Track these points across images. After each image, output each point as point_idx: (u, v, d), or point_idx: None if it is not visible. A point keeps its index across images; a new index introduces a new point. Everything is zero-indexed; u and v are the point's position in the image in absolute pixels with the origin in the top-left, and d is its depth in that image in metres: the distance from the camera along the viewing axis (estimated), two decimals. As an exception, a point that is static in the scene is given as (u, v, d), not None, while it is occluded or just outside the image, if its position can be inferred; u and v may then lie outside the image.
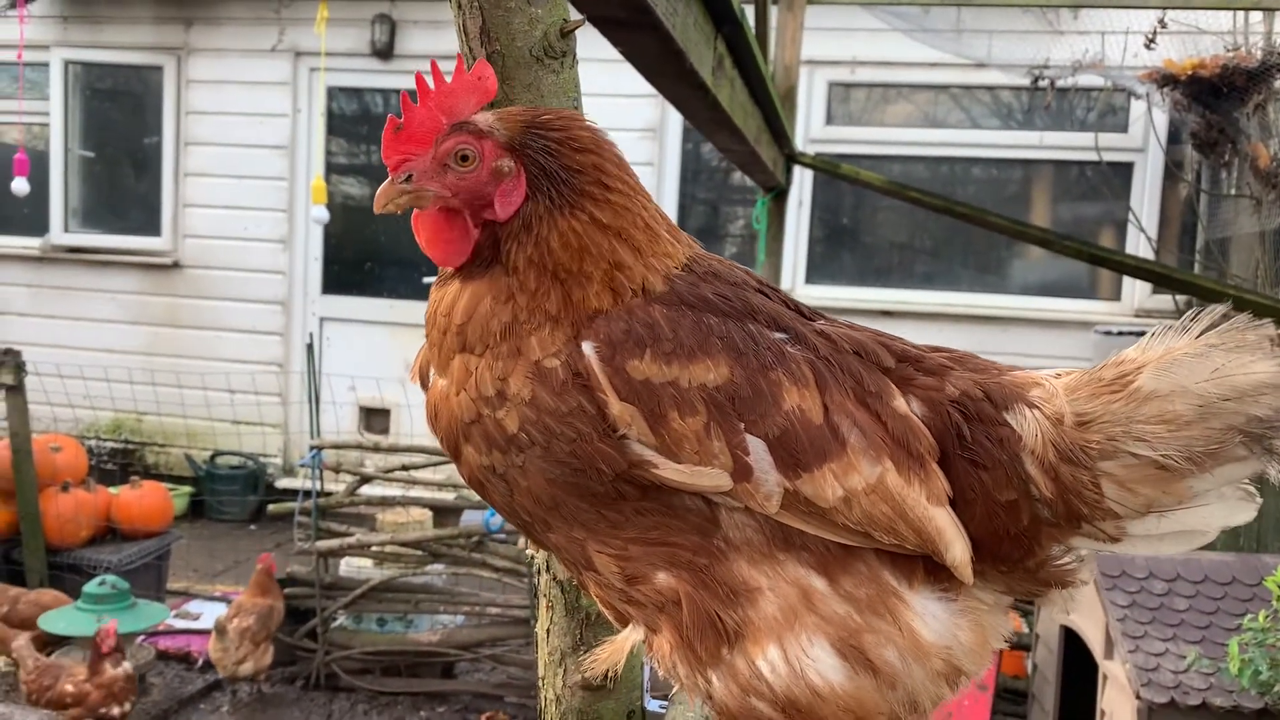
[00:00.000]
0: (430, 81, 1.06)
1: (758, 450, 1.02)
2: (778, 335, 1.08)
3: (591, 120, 1.10)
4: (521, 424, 1.02)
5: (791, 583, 1.05)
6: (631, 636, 1.12)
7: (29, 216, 8.91)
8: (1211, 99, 5.90)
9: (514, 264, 1.05)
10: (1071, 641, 4.09)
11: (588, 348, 1.02)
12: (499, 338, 1.04)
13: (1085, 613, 3.86)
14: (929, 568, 1.09)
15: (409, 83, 1.06)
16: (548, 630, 1.33)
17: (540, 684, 1.35)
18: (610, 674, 1.24)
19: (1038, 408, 1.10)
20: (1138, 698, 3.33)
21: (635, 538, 1.06)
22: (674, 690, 1.33)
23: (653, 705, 1.42)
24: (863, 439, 1.05)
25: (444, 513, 5.96)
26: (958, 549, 1.07)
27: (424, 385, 1.12)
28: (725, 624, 1.05)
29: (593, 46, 2.08)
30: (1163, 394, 1.05)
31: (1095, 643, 3.74)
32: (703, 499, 1.04)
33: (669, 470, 1.01)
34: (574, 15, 1.19)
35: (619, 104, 7.52)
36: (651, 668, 1.15)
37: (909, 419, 1.09)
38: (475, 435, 1.05)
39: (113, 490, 6.20)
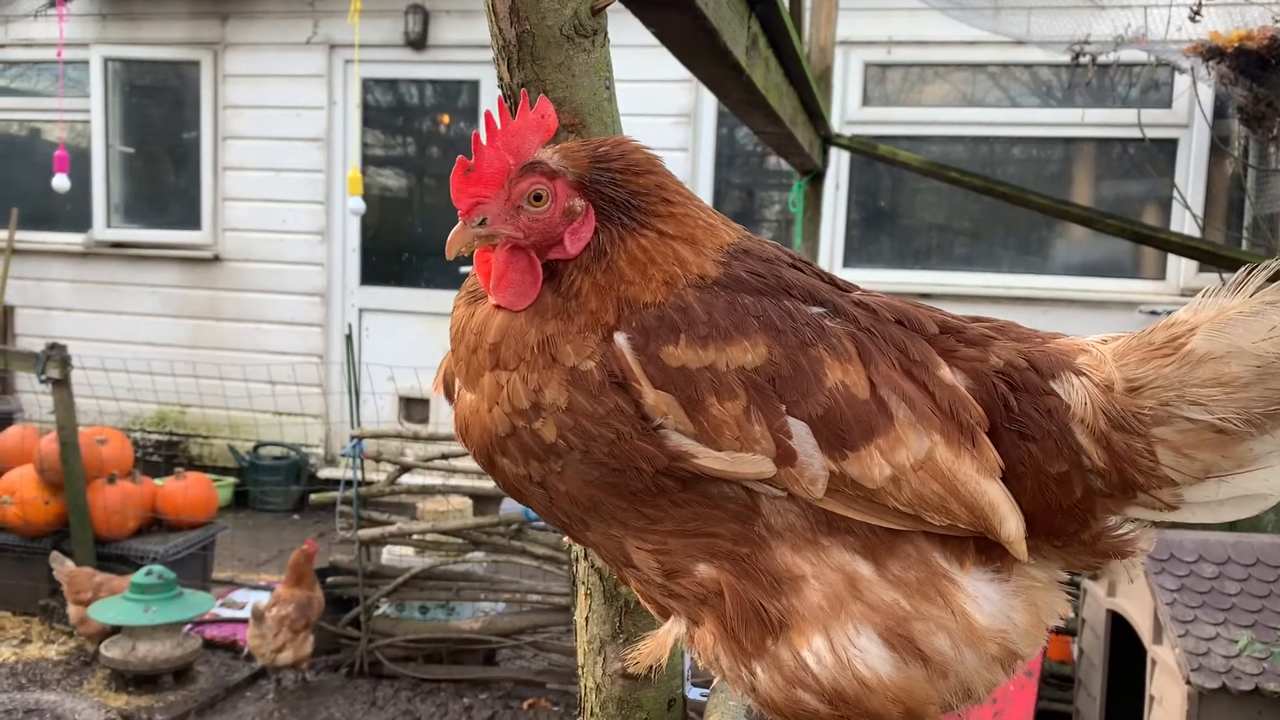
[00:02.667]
0: (497, 121, 1.04)
1: (800, 433, 0.99)
2: (815, 310, 1.04)
3: (637, 140, 1.09)
4: (560, 431, 0.99)
5: (836, 569, 1.01)
6: (674, 630, 1.09)
7: (72, 213, 9.04)
8: (1259, 71, 5.76)
9: (577, 289, 1.02)
10: (1118, 626, 4.03)
11: (620, 338, 0.99)
12: (535, 350, 1.01)
13: (1133, 597, 3.80)
14: (980, 547, 1.05)
15: (443, 73, 1.05)
16: (586, 618, 1.31)
17: (580, 672, 1.34)
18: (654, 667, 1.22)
19: (1085, 375, 1.06)
20: (1188, 683, 3.27)
21: (673, 530, 1.03)
22: (716, 679, 1.32)
23: (694, 694, 1.40)
24: (911, 412, 1.02)
25: (483, 500, 5.99)
26: (1012, 524, 1.03)
27: (449, 397, 1.10)
28: (769, 614, 1.02)
29: (625, 31, 2.06)
30: (1217, 355, 1.01)
31: (1143, 627, 3.68)
32: (742, 486, 1.01)
33: (709, 459, 0.98)
34: (605, -7, 1.16)
35: (653, 89, 7.49)
36: (693, 656, 1.12)
37: (956, 389, 1.05)
38: (511, 448, 1.02)
39: (158, 482, 6.28)
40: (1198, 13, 5.54)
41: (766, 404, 0.99)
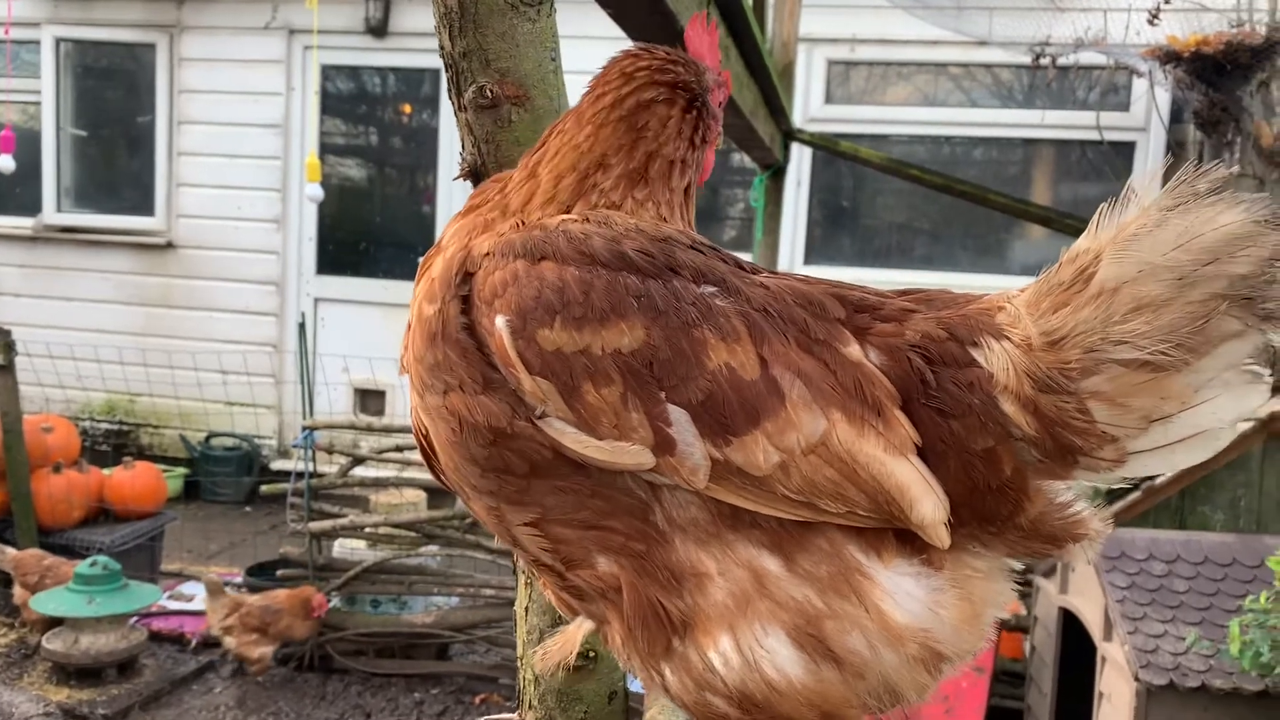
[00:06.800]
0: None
1: (680, 420, 0.93)
2: (706, 289, 0.98)
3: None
4: (403, 364, 1.03)
5: (743, 565, 0.95)
6: (584, 626, 1.04)
7: (21, 196, 8.84)
8: (1215, 76, 5.83)
9: None
10: (1070, 624, 4.05)
11: (500, 321, 0.95)
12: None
13: (1084, 594, 3.82)
14: (903, 537, 0.97)
15: (404, 61, 1.04)
16: (526, 608, 1.27)
17: (519, 664, 1.30)
18: (592, 654, 1.18)
19: (1007, 336, 0.98)
20: (1136, 680, 3.30)
21: (560, 519, 0.98)
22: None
23: (635, 685, 1.37)
24: (806, 391, 0.95)
25: (438, 494, 5.92)
26: (926, 506, 0.95)
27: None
28: (670, 613, 0.96)
29: (581, 22, 2.03)
30: (1130, 278, 0.92)
31: (1094, 625, 3.70)
32: (631, 477, 0.96)
33: (592, 448, 0.94)
34: (552, -37, 1.12)
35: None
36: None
37: (862, 365, 0.97)
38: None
39: (105, 471, 6.16)
40: (1156, 16, 5.59)
41: (644, 390, 0.93)
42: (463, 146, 1.18)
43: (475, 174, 1.20)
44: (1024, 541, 1.01)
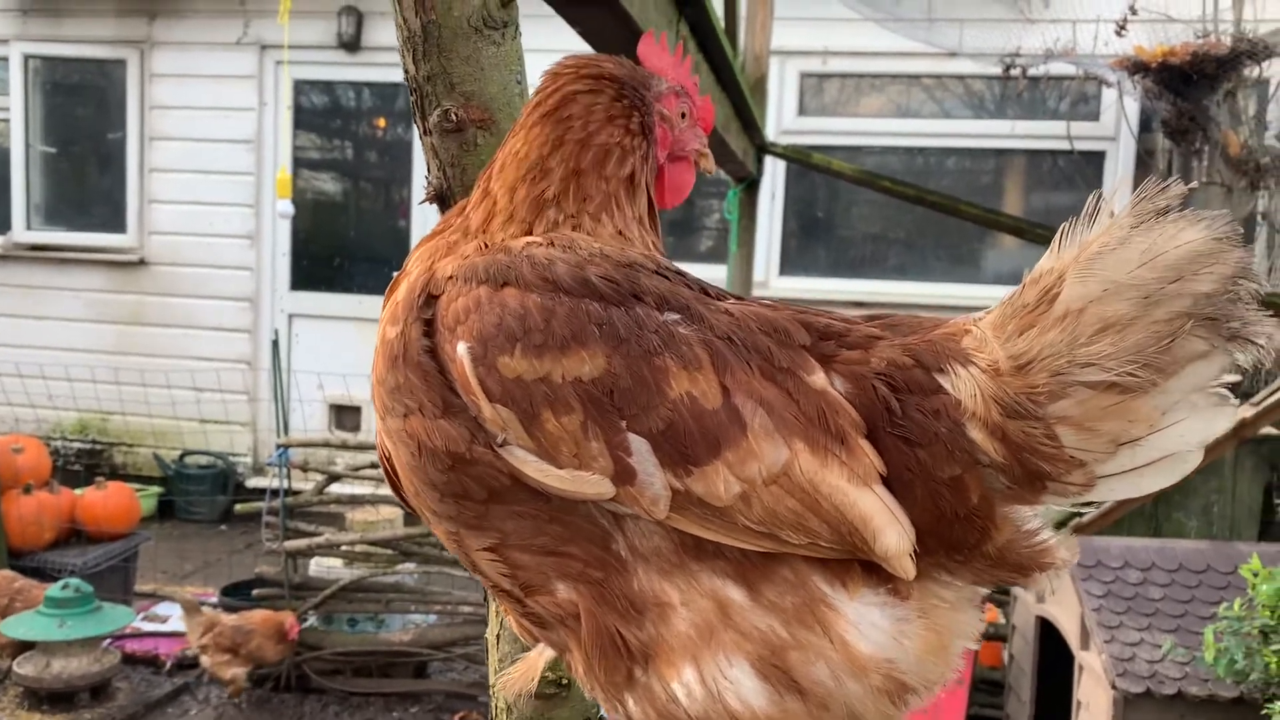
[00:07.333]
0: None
1: (640, 450, 0.93)
2: (669, 316, 0.97)
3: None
4: (371, 393, 1.02)
5: (706, 595, 0.95)
6: (545, 653, 1.04)
7: (-10, 214, 8.75)
8: (1182, 86, 5.90)
9: None
10: (1048, 632, 4.07)
11: (462, 348, 0.94)
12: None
13: (1061, 603, 3.83)
14: (869, 567, 0.96)
15: (377, 75, 1.03)
16: (498, 636, 1.26)
17: (491, 692, 1.29)
18: (565, 681, 1.17)
19: (973, 362, 0.97)
20: (1113, 688, 3.31)
21: (519, 545, 0.97)
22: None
23: (610, 712, 1.36)
24: (768, 420, 0.94)
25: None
26: (890, 537, 0.93)
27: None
28: (628, 643, 0.95)
29: (553, 36, 2.02)
30: (1095, 297, 0.91)
31: (1071, 633, 3.71)
32: (594, 506, 0.95)
33: (552, 477, 0.93)
34: (517, -16, 1.12)
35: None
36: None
37: (826, 393, 0.96)
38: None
39: (78, 491, 6.09)
40: (1123, 27, 5.66)
41: (605, 419, 0.93)
42: (428, 170, 1.17)
43: (441, 198, 1.19)
44: (991, 570, 1.00)
